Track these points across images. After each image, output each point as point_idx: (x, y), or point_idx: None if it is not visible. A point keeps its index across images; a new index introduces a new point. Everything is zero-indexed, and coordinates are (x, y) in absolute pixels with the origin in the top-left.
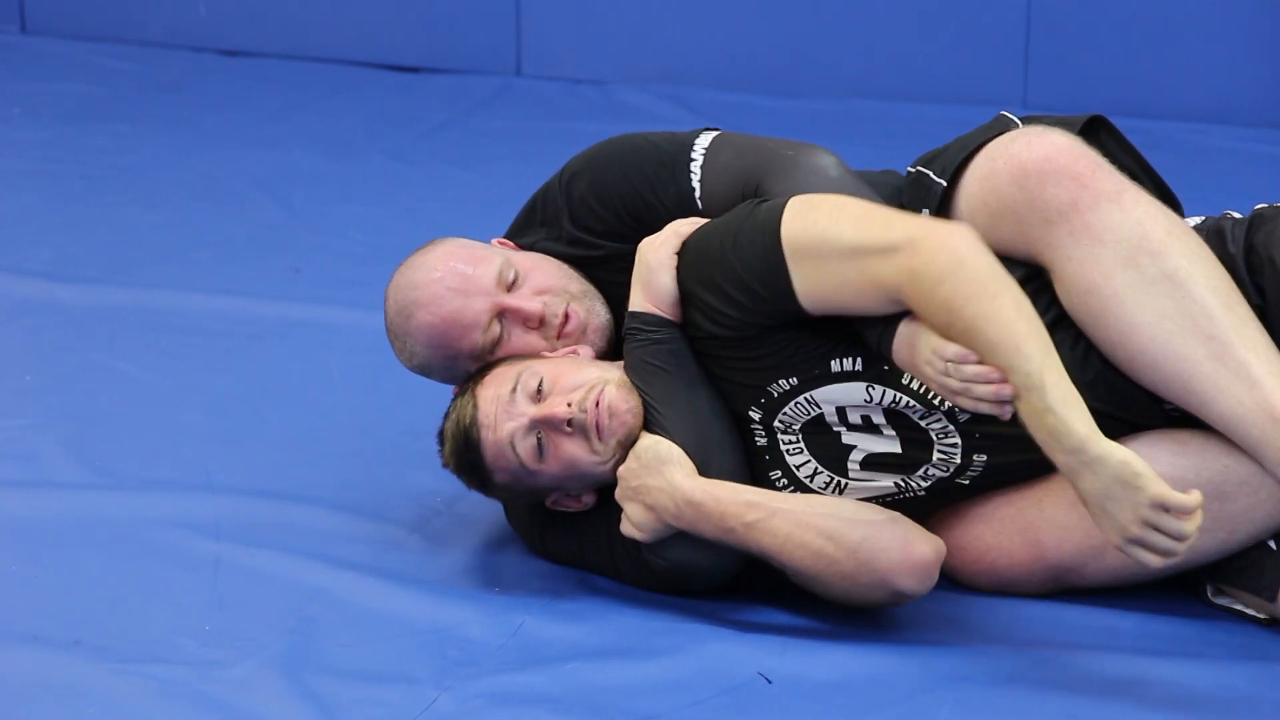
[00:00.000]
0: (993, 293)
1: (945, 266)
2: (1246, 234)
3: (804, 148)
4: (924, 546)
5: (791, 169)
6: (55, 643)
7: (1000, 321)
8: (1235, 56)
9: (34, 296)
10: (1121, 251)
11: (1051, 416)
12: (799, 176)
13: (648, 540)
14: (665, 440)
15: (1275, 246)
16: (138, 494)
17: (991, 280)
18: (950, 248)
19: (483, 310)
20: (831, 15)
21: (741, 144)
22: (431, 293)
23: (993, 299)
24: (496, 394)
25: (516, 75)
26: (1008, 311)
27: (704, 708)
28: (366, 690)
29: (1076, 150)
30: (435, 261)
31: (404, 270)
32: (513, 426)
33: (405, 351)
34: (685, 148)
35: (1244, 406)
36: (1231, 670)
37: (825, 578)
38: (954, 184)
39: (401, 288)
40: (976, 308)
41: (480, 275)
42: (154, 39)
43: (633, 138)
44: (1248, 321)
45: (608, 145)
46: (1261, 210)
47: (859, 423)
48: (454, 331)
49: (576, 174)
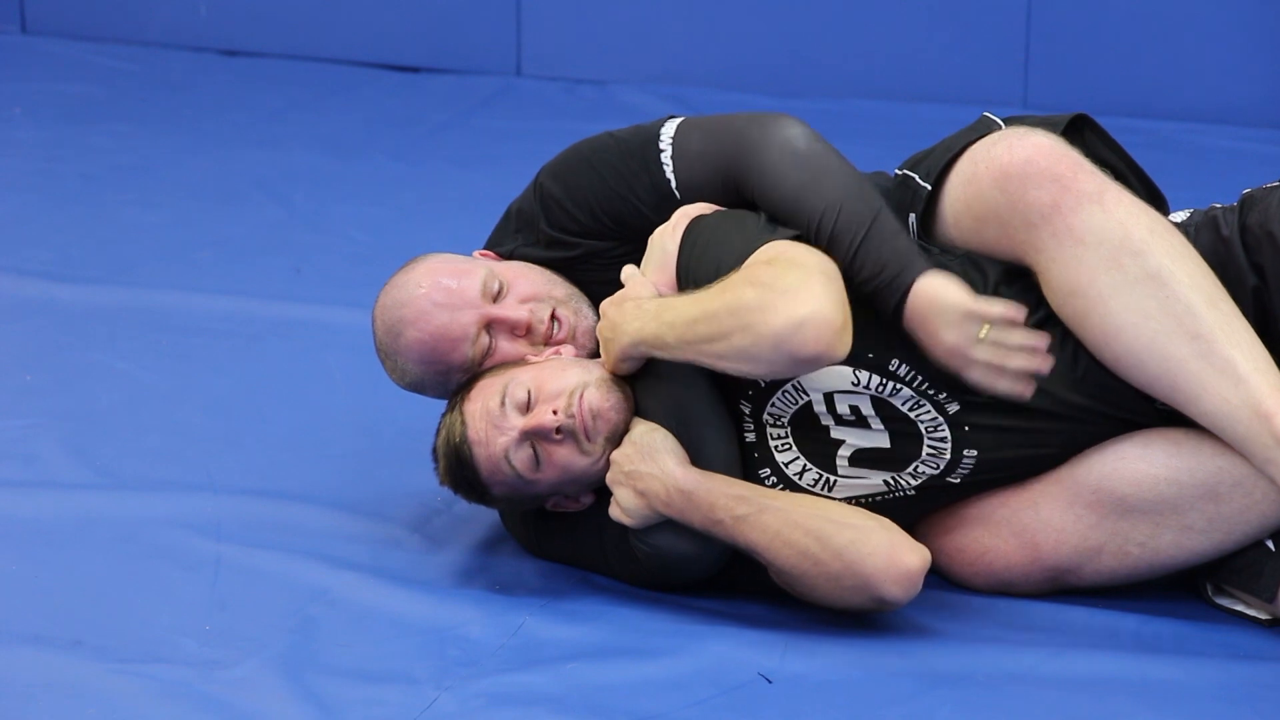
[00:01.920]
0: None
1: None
2: (1239, 216)
3: (769, 122)
4: (910, 555)
5: (763, 150)
6: (55, 643)
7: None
8: (1235, 56)
9: (34, 296)
10: (1104, 252)
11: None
12: (773, 158)
13: (635, 525)
14: (660, 429)
15: (1273, 221)
16: (138, 494)
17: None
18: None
19: (470, 323)
20: (831, 15)
21: (707, 126)
22: (418, 309)
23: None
24: (485, 408)
25: (517, 75)
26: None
27: (704, 708)
28: (366, 690)
29: (1058, 151)
30: (419, 278)
31: (389, 290)
32: (505, 441)
33: (397, 370)
34: (652, 139)
35: (1230, 404)
36: (1231, 670)
37: (809, 578)
38: (938, 187)
39: (388, 307)
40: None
41: (465, 288)
42: (154, 39)
43: (599, 138)
44: (1232, 319)
45: (575, 149)
46: (1251, 193)
47: (847, 413)
48: (443, 346)
49: (549, 179)
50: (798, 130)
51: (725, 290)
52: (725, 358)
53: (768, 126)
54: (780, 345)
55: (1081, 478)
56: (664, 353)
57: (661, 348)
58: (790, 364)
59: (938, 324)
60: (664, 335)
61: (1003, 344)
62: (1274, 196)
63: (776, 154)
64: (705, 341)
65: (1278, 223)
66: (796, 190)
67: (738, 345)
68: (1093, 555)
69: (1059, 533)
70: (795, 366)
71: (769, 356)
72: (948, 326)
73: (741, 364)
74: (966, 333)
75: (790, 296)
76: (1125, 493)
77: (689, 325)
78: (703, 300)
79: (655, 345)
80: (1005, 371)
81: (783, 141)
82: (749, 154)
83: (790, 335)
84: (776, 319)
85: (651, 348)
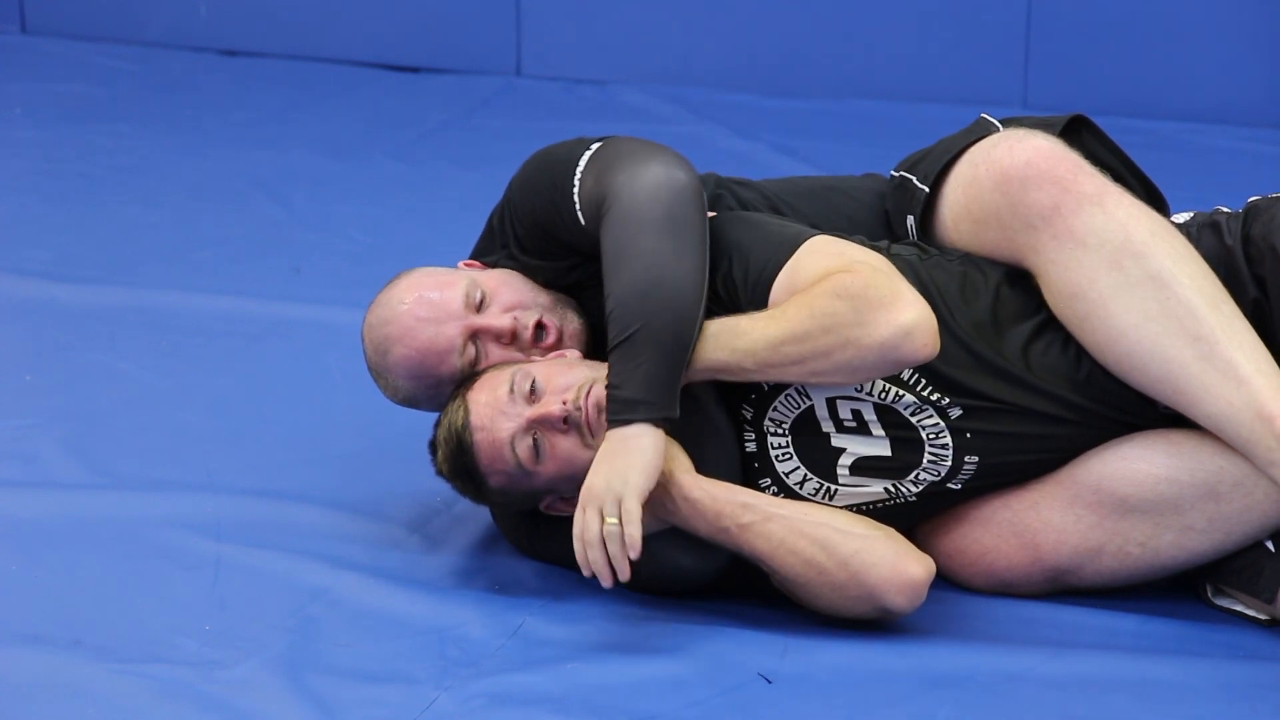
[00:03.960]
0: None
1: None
2: (1243, 225)
3: (642, 165)
4: (915, 565)
5: (615, 199)
6: (55, 643)
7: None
8: (1235, 56)
9: (34, 296)
10: (1105, 254)
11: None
12: (616, 206)
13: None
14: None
15: (1276, 235)
16: (138, 494)
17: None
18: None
19: (455, 334)
20: (831, 15)
21: (604, 160)
22: (403, 325)
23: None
24: (491, 397)
25: (516, 75)
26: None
27: (704, 708)
28: (366, 690)
29: (1058, 153)
30: (402, 294)
31: (374, 309)
32: (511, 427)
33: (390, 387)
34: (571, 168)
35: (1232, 406)
36: (1231, 670)
37: (814, 586)
38: (936, 189)
39: (374, 326)
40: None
41: (448, 300)
42: (154, 39)
43: (544, 154)
44: (1234, 320)
45: (525, 165)
46: (1256, 202)
47: (849, 418)
48: (430, 360)
49: (507, 198)
50: (656, 184)
51: (807, 307)
52: (822, 374)
53: (637, 172)
54: (887, 354)
55: (1082, 478)
56: (734, 376)
57: (734, 373)
58: (895, 369)
59: (609, 466)
60: (741, 362)
61: (612, 539)
62: (1278, 208)
63: (623, 204)
64: (795, 363)
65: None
66: (612, 255)
67: (838, 361)
68: (1093, 556)
69: (1059, 533)
70: (897, 370)
71: (873, 365)
72: (609, 475)
73: (838, 377)
74: (605, 499)
75: (889, 306)
76: (1125, 493)
77: (773, 349)
78: (781, 321)
79: (726, 372)
80: (587, 552)
81: (631, 201)
82: (609, 196)
83: (899, 343)
84: (883, 329)
85: (720, 374)
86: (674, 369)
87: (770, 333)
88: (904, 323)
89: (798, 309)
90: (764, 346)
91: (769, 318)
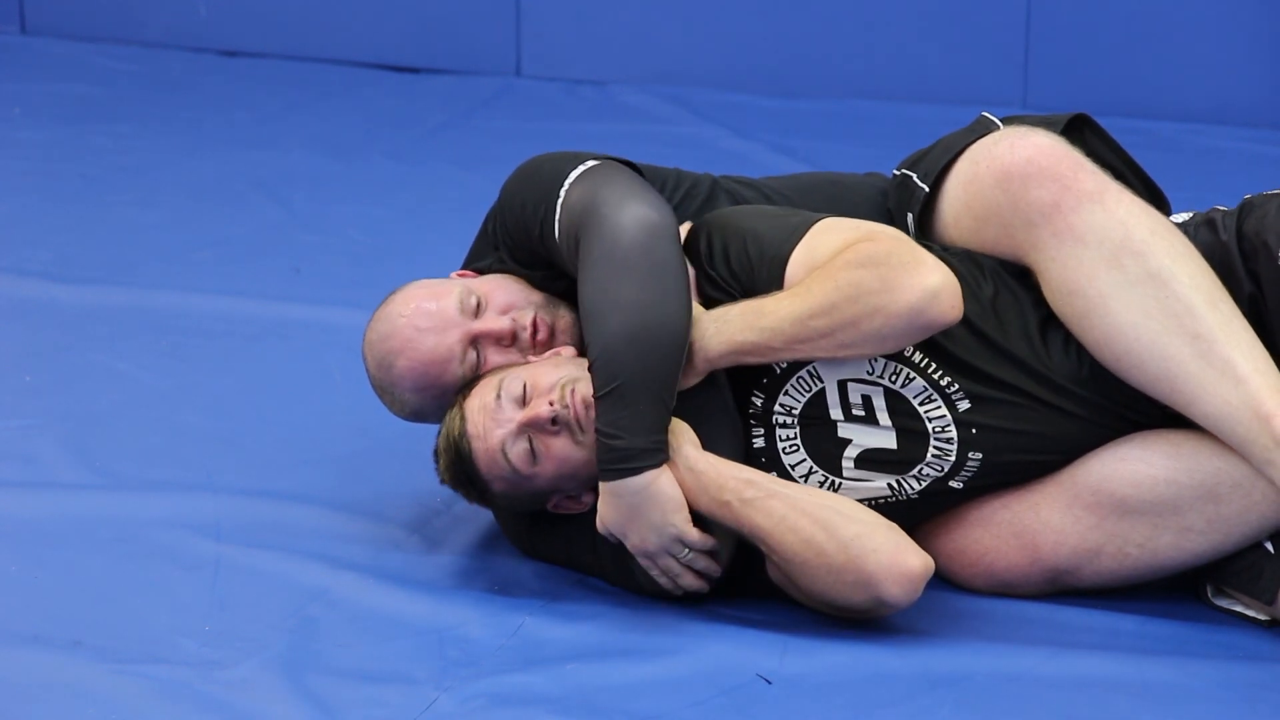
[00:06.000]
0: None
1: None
2: (1237, 222)
3: (620, 205)
4: (914, 558)
5: (594, 238)
6: (55, 643)
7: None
8: (1235, 56)
9: (34, 296)
10: (1104, 252)
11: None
12: (596, 247)
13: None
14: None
15: (1268, 231)
16: (138, 494)
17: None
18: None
19: (455, 342)
20: (831, 15)
21: (589, 187)
22: (404, 337)
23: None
24: (482, 404)
25: (516, 75)
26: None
27: (704, 708)
28: (366, 690)
29: (1059, 151)
30: (399, 307)
31: (373, 325)
32: (502, 434)
33: (396, 402)
34: (556, 186)
35: (1230, 405)
36: (1231, 671)
37: (810, 568)
38: (937, 187)
39: (375, 342)
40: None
41: (445, 308)
42: (154, 39)
43: (535, 164)
44: (1233, 319)
45: (517, 172)
46: (1250, 199)
47: (858, 404)
48: (433, 370)
49: (499, 203)
50: (638, 224)
51: (831, 279)
52: (851, 345)
53: (619, 207)
54: (916, 319)
55: (1081, 479)
56: (761, 357)
57: (762, 353)
58: (924, 334)
59: (644, 522)
60: (769, 341)
61: (692, 566)
62: (1272, 204)
63: (605, 244)
64: (823, 335)
65: (1273, 232)
66: (595, 301)
67: (867, 330)
68: (1092, 556)
69: (1058, 534)
70: (924, 335)
71: (903, 331)
72: (652, 531)
73: (867, 348)
74: (668, 546)
75: (913, 270)
76: (1125, 494)
77: (800, 324)
78: (806, 295)
79: (753, 353)
80: (679, 582)
81: (612, 232)
82: (588, 230)
83: (926, 306)
84: (910, 294)
85: (747, 356)
86: (666, 407)
87: (796, 308)
88: (930, 285)
89: (822, 282)
90: (790, 322)
91: (792, 295)
